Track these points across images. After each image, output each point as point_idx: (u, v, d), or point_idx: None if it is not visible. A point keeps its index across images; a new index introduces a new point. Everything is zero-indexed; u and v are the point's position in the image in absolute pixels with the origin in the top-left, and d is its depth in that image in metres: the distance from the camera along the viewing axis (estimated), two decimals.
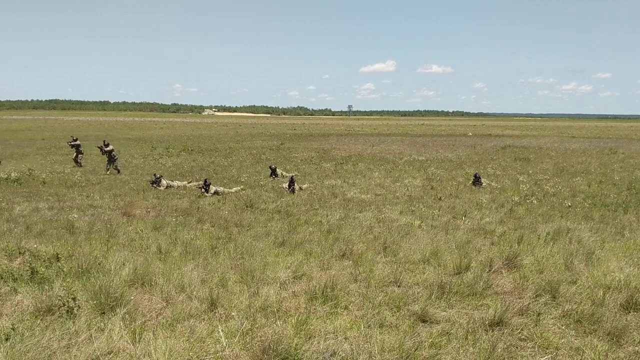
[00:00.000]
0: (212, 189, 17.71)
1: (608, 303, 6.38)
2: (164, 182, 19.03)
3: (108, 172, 23.50)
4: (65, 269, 7.39)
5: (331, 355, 4.90)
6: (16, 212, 14.11)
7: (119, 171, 23.99)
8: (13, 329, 5.13)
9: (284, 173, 22.97)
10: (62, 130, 75.25)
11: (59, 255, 7.99)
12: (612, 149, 41.12)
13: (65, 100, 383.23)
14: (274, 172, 22.85)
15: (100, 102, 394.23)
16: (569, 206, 14.80)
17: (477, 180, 19.32)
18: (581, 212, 13.93)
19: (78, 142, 26.77)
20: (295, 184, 18.39)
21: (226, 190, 18.24)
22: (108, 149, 23.92)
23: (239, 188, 18.91)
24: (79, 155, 26.56)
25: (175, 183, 19.54)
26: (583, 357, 5.08)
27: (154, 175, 19.56)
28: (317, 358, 4.86)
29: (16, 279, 6.89)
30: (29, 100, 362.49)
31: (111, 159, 24.03)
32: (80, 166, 26.23)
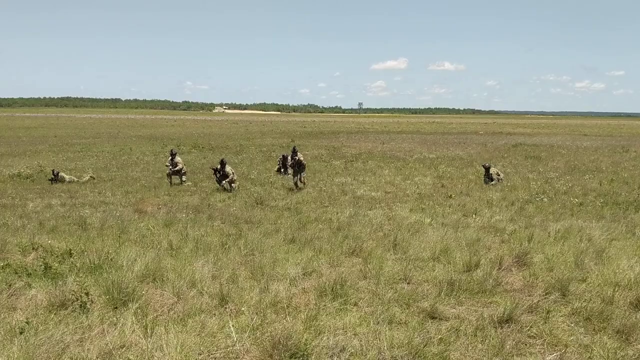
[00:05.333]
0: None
1: (618, 301, 6.37)
2: (178, 159, 19.90)
3: None
4: (78, 265, 7.49)
5: (340, 351, 4.93)
6: (29, 208, 14.29)
7: None
8: (27, 322, 5.21)
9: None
10: (74, 127, 75.83)
11: (72, 251, 8.10)
12: (624, 147, 40.82)
13: (77, 97, 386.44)
14: (284, 162, 23.01)
15: (112, 99, 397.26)
16: (580, 204, 14.73)
17: (487, 172, 19.45)
18: (592, 210, 13.87)
19: None
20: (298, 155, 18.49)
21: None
22: None
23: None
24: None
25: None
26: (592, 354, 5.08)
27: (171, 151, 20.49)
28: (327, 353, 4.89)
29: (30, 274, 6.99)
30: (42, 97, 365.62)
31: None
32: None
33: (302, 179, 18.67)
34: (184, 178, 20.09)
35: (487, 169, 19.54)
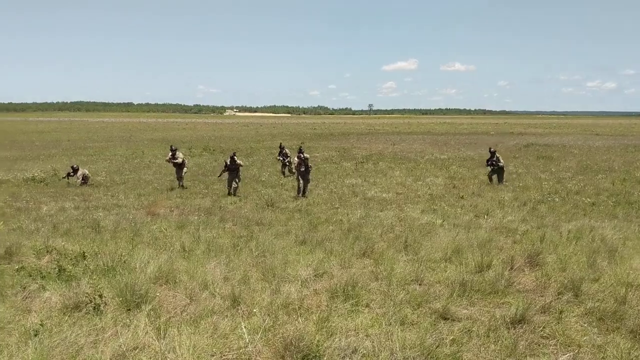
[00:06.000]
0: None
1: (631, 301, 6.31)
2: (179, 154, 19.50)
3: None
4: (91, 267, 7.54)
5: (352, 352, 4.93)
6: (43, 212, 14.41)
7: None
8: (42, 324, 5.25)
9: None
10: (87, 131, 76.41)
11: (85, 254, 8.14)
12: (636, 146, 40.51)
13: (90, 102, 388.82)
14: (281, 152, 23.12)
15: (124, 103, 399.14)
16: (592, 204, 14.63)
17: (493, 155, 19.40)
18: (605, 210, 13.78)
19: None
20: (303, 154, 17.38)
21: None
22: None
23: None
24: None
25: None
26: (605, 354, 5.05)
27: (171, 147, 19.80)
28: (339, 355, 4.89)
29: (44, 277, 7.05)
30: (55, 102, 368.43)
31: None
32: None
33: (306, 185, 17.42)
34: (183, 174, 19.70)
35: (492, 153, 19.53)
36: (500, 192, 17.40)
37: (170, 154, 19.57)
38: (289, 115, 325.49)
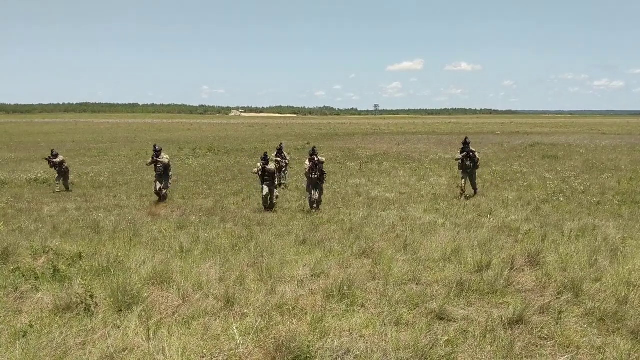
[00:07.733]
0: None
1: (632, 301, 6.18)
2: (164, 155, 17.44)
3: None
4: (86, 267, 7.47)
5: (345, 353, 4.83)
6: (45, 213, 14.42)
7: None
8: (31, 325, 5.18)
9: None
10: (92, 132, 76.64)
11: (82, 254, 8.08)
12: None
13: (95, 103, 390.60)
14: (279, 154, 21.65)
15: (130, 104, 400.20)
16: (598, 203, 14.48)
17: (467, 145, 17.71)
18: (610, 209, 13.63)
19: None
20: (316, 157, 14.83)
21: None
22: None
23: None
24: None
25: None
26: (605, 356, 4.93)
27: (154, 147, 17.70)
28: (331, 356, 4.79)
29: (38, 277, 6.97)
30: (61, 103, 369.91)
31: None
32: None
33: (320, 197, 14.85)
34: (170, 181, 17.55)
35: (467, 143, 17.89)
36: (504, 191, 17.25)
37: (153, 155, 17.34)
38: (295, 115, 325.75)
